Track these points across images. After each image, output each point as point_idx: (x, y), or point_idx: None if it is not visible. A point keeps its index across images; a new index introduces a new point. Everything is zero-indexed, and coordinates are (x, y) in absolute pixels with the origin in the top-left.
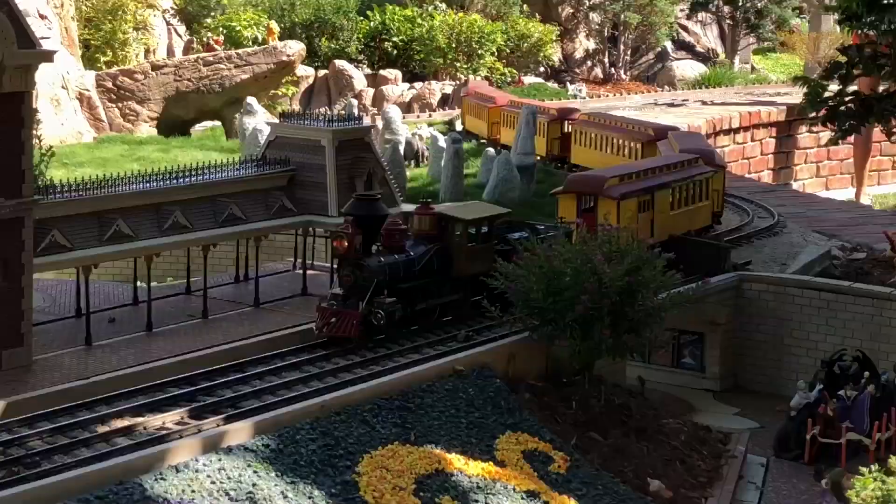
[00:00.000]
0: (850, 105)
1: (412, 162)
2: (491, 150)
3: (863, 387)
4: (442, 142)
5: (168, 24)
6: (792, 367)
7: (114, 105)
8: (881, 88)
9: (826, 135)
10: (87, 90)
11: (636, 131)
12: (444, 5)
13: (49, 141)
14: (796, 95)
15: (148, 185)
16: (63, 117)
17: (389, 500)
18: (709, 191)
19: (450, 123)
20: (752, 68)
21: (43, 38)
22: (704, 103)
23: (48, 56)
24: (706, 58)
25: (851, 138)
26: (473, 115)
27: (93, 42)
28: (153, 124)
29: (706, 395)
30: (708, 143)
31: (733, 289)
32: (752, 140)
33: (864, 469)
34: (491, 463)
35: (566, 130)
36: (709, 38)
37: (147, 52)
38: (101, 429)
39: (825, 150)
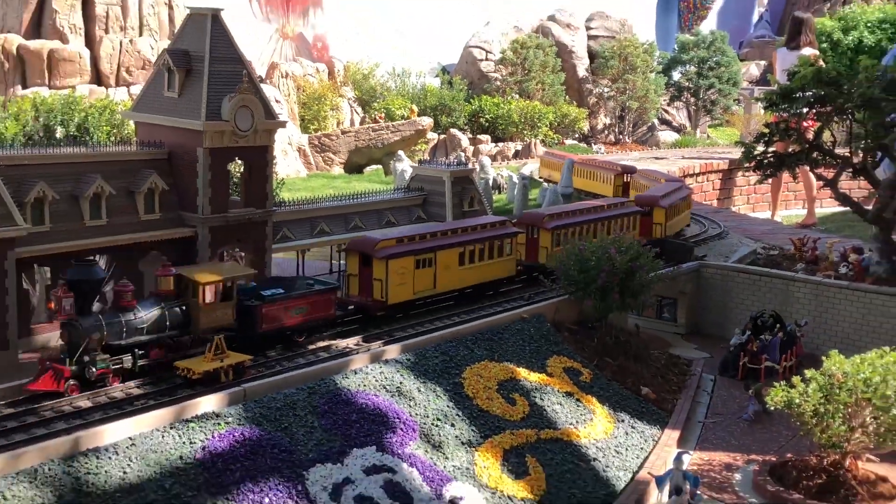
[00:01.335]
0: (769, 159)
1: (496, 191)
2: (546, 184)
3: (775, 334)
4: (515, 179)
5: (351, 106)
6: (731, 320)
7: (318, 154)
8: (790, 149)
9: (754, 178)
10: (303, 146)
11: (610, 168)
12: (517, 95)
13: (281, 175)
14: (735, 153)
15: (338, 202)
16: (288, 161)
17: (482, 394)
18: (512, 247)
19: (521, 168)
20: (708, 136)
21: (279, 114)
22: (682, 157)
23: (282, 124)
24: (679, 129)
25: (770, 180)
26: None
27: (306, 117)
28: (341, 167)
29: (677, 337)
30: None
31: (695, 272)
32: (707, 180)
33: (775, 384)
34: (543, 374)
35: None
36: (681, 116)
37: (338, 123)
38: (312, 348)
39: (753, 187)
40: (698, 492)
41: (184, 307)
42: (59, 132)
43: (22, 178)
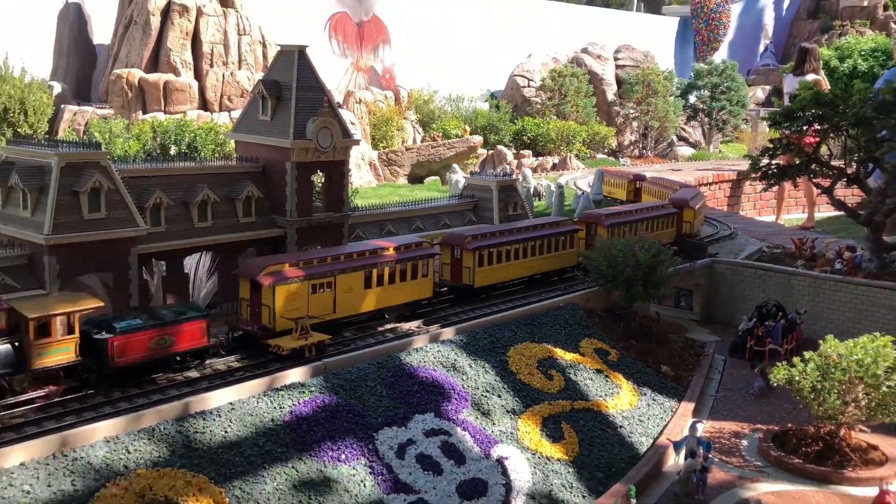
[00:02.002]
0: (773, 170)
1: (536, 198)
2: (578, 191)
3: (778, 320)
4: (552, 187)
5: (413, 127)
6: (739, 309)
7: (386, 167)
8: (792, 161)
9: (760, 186)
10: (373, 160)
11: (624, 176)
12: (555, 116)
13: (355, 185)
14: (743, 165)
15: (403, 207)
16: (361, 173)
17: (524, 370)
18: (428, 269)
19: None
20: (720, 151)
21: (353, 133)
22: (696, 169)
23: (356, 142)
24: (694, 145)
25: (774, 188)
26: (607, 185)
27: (376, 136)
28: (405, 178)
29: (692, 323)
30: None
31: (709, 267)
32: (719, 189)
33: (778, 364)
34: (577, 354)
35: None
36: (696, 134)
37: (403, 141)
38: (380, 329)
39: (759, 195)
40: (710, 455)
41: (16, 343)
42: (173, 150)
43: (143, 188)
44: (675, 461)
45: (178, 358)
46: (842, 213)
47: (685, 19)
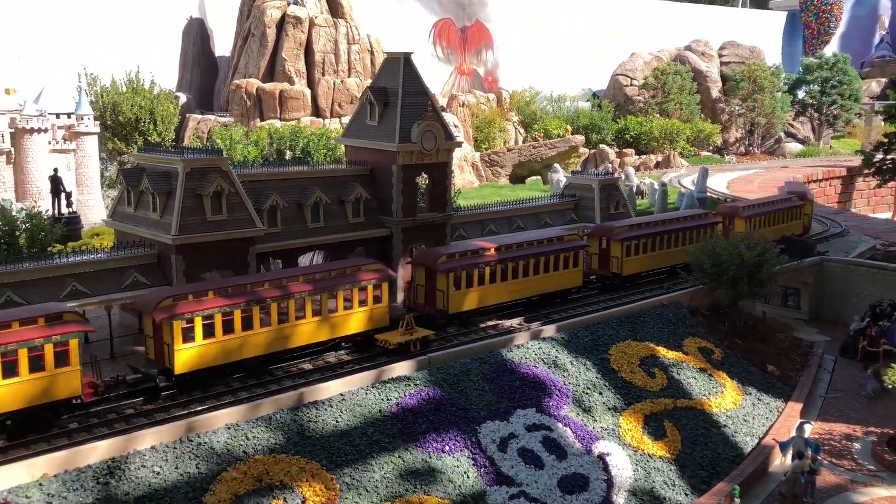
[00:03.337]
0: (889, 165)
1: (639, 196)
2: (682, 189)
3: (893, 320)
4: (656, 186)
5: (515, 128)
6: (851, 308)
7: (488, 168)
8: None
9: (873, 182)
10: (476, 161)
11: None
12: (658, 115)
13: (458, 186)
14: (854, 161)
15: (504, 207)
16: (464, 174)
17: (626, 368)
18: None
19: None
20: (830, 147)
21: (456, 136)
22: (804, 166)
23: (458, 144)
24: (803, 141)
25: (891, 183)
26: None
27: (478, 138)
28: (507, 178)
29: (800, 322)
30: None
31: (818, 265)
32: (830, 185)
33: (893, 364)
34: (680, 352)
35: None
36: (805, 129)
37: (505, 142)
38: (483, 325)
39: (873, 191)
40: (819, 457)
41: None
42: (288, 154)
43: (260, 191)
44: (781, 462)
45: None
46: None
47: (793, 13)
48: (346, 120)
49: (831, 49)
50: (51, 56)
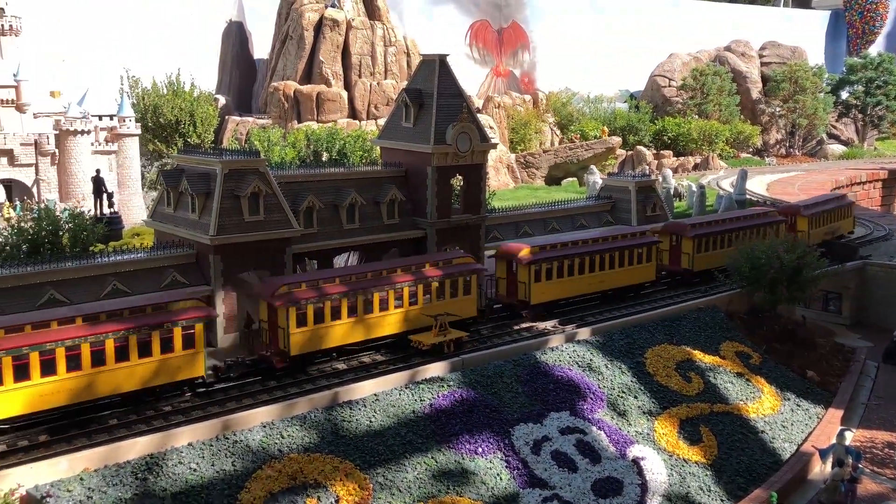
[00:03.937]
0: None
1: (677, 199)
2: (721, 191)
3: None
4: (694, 188)
5: (551, 129)
6: (894, 313)
7: (523, 170)
8: None
9: None
10: (511, 163)
11: None
12: (696, 116)
13: (492, 187)
14: None
15: (539, 209)
16: (499, 176)
17: (661, 372)
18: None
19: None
20: (875, 148)
21: (491, 137)
22: (847, 168)
23: (493, 146)
24: (846, 142)
25: None
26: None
27: (514, 139)
28: (542, 179)
29: (841, 327)
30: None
31: (860, 269)
32: (873, 188)
33: None
34: (717, 356)
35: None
36: (849, 131)
37: (540, 143)
38: (516, 327)
39: None
40: (860, 465)
41: None
42: (325, 156)
43: (297, 192)
44: (820, 469)
45: None
46: None
47: (837, 12)
48: (382, 122)
49: (876, 49)
50: (94, 59)
